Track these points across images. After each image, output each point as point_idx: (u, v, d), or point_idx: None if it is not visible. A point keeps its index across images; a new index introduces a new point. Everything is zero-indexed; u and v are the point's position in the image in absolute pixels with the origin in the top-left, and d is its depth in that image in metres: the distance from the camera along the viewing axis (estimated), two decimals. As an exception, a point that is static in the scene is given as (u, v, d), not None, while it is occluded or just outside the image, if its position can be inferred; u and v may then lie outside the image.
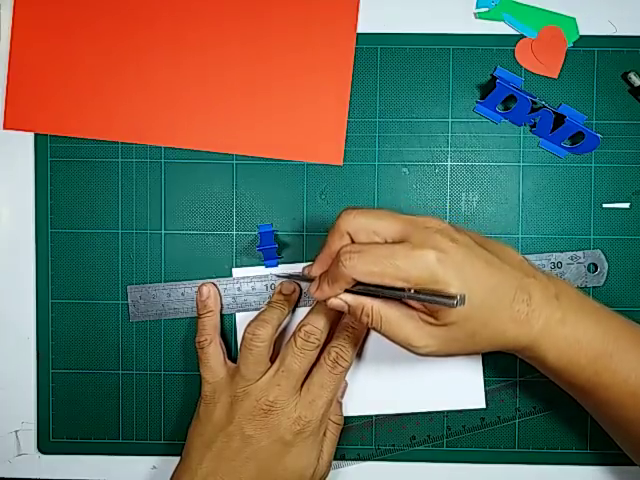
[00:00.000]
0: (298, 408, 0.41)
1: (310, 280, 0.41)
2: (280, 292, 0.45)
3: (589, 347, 0.37)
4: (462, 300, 0.34)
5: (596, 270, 0.46)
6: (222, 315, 0.46)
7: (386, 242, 0.37)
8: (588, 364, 0.37)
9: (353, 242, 0.37)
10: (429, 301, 0.35)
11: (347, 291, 0.37)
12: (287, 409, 0.41)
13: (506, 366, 0.46)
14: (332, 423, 0.44)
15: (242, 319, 0.46)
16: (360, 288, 0.37)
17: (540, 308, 0.37)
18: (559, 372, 0.38)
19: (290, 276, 0.45)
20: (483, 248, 0.37)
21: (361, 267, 0.35)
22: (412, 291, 0.35)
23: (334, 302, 0.38)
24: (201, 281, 0.46)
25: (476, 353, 0.39)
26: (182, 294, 0.46)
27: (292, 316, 0.46)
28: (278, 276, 0.46)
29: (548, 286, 0.38)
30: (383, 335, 0.38)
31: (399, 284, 0.35)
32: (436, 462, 0.46)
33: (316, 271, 0.40)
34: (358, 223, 0.37)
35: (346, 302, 0.38)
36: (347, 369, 0.43)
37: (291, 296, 0.45)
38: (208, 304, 0.45)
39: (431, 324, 0.36)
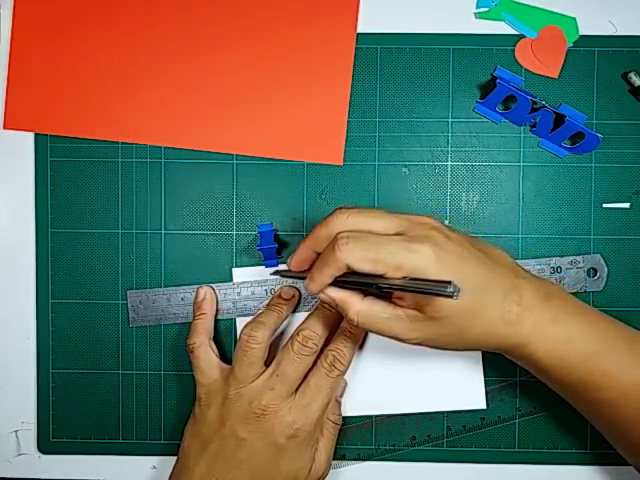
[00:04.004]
0: (292, 412, 0.41)
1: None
2: (279, 296, 0.45)
3: (581, 346, 0.37)
4: (457, 291, 0.33)
5: (595, 275, 0.46)
6: (217, 320, 0.46)
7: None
8: (579, 362, 0.37)
9: None
10: (424, 291, 0.34)
11: (338, 286, 0.37)
12: (280, 413, 0.41)
13: (506, 366, 0.46)
14: (330, 423, 0.44)
15: (242, 324, 0.46)
16: (352, 278, 0.37)
17: (531, 308, 0.37)
18: (550, 371, 0.38)
19: (288, 272, 0.44)
20: (475, 248, 0.38)
21: (357, 252, 0.35)
22: (407, 279, 0.35)
23: (322, 296, 0.38)
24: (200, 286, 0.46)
25: (464, 350, 0.39)
26: (182, 299, 0.46)
27: (290, 320, 0.46)
28: (278, 272, 0.45)
29: (538, 287, 0.38)
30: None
31: (390, 272, 0.35)
32: (436, 462, 0.46)
33: (295, 264, 0.40)
34: (352, 223, 0.37)
35: (333, 299, 0.38)
36: (344, 373, 0.43)
37: (290, 301, 0.45)
38: (203, 306, 0.45)
39: (418, 318, 0.36)
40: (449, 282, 0.33)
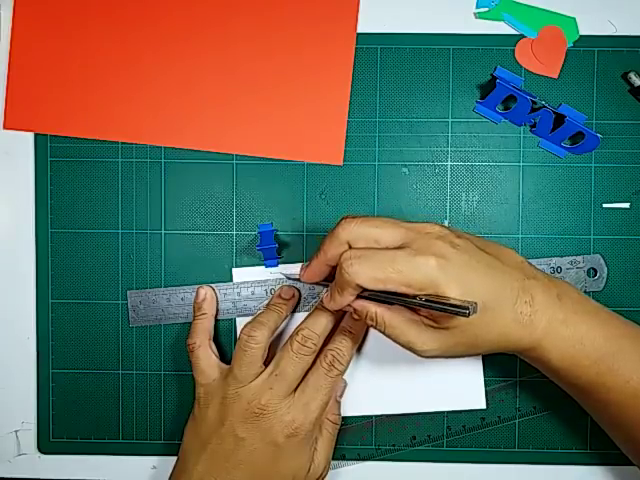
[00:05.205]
0: (291, 411, 0.41)
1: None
2: (279, 296, 0.45)
3: (591, 348, 0.37)
4: (474, 309, 0.34)
5: (595, 275, 0.46)
6: (217, 320, 0.46)
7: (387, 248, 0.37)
8: (591, 365, 0.37)
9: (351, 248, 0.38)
10: (441, 310, 0.34)
11: (358, 297, 0.38)
12: (279, 412, 0.41)
13: (506, 366, 0.46)
14: (330, 422, 0.44)
15: (242, 324, 0.46)
16: (370, 294, 0.37)
17: (543, 309, 0.37)
18: (562, 373, 0.38)
19: (298, 280, 0.45)
20: (484, 252, 0.38)
21: (363, 273, 0.35)
22: (423, 299, 0.35)
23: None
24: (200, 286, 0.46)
25: (479, 354, 0.39)
26: (182, 299, 0.46)
27: (290, 320, 0.46)
28: (287, 277, 0.46)
29: (550, 287, 0.38)
30: (387, 337, 0.38)
31: (402, 289, 0.35)
32: (436, 462, 0.46)
33: (308, 277, 0.41)
34: (358, 232, 0.37)
35: (352, 307, 0.38)
36: (343, 372, 0.43)
37: (290, 300, 0.45)
38: (203, 307, 0.45)
39: (434, 328, 0.36)
40: (466, 307, 0.33)
